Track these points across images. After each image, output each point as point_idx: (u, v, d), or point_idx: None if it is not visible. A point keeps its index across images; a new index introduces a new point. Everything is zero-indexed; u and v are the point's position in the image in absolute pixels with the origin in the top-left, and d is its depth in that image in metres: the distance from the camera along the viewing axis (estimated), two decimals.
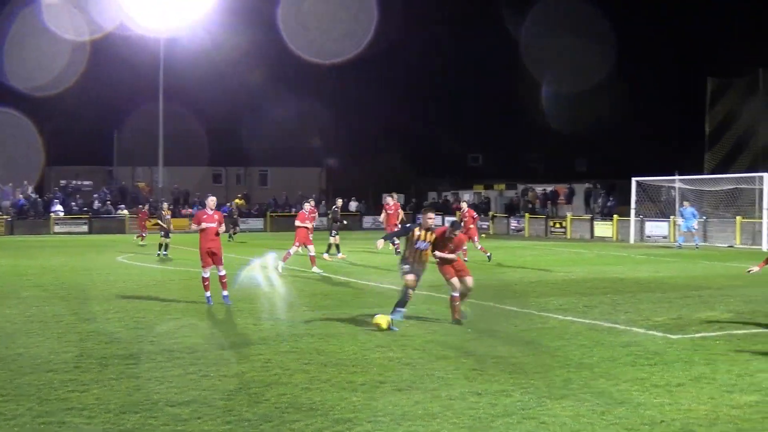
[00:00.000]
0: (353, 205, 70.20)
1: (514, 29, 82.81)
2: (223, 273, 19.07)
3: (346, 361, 12.46)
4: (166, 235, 36.23)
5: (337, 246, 33.42)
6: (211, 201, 19.98)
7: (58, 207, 63.44)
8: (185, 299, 20.11)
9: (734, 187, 44.04)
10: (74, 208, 64.10)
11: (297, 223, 28.72)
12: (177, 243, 38.89)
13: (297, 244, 28.27)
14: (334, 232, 33.95)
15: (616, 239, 49.20)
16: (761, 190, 41.16)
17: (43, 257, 35.32)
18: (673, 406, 9.92)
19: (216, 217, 19.30)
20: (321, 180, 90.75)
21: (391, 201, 37.38)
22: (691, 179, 47.71)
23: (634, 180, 48.67)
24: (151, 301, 19.78)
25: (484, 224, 61.30)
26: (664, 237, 46.58)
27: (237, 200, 66.19)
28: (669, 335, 14.85)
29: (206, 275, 19.02)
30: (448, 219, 38.16)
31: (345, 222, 38.78)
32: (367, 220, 65.71)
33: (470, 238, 31.09)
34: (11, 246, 44.69)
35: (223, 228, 19.59)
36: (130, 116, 77.65)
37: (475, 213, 35.09)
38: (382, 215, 37.50)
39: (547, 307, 18.53)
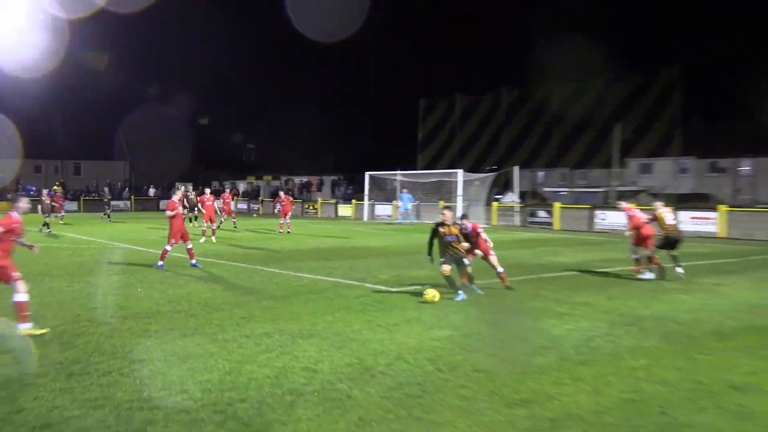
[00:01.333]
0: (151, 191, 67.81)
1: None
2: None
3: (143, 314, 12.02)
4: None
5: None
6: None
7: None
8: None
9: (438, 180, 46.07)
10: None
11: (168, 213, 18.75)
12: None
13: (173, 240, 18.62)
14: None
15: (354, 218, 50.10)
16: (456, 182, 43.19)
17: None
18: (391, 340, 10.24)
19: None
20: (125, 170, 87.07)
21: (283, 194, 36.77)
22: (409, 173, 49.52)
23: (367, 174, 49.88)
24: None
25: (255, 206, 60.82)
26: (389, 216, 47.86)
27: (55, 186, 62.32)
28: (390, 288, 15.29)
29: None
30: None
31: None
32: (162, 204, 63.72)
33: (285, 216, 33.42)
34: None
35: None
36: None
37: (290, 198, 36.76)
38: (278, 207, 37.01)
39: (301, 269, 18.61)
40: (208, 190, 29.82)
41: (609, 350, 9.86)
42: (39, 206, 34.81)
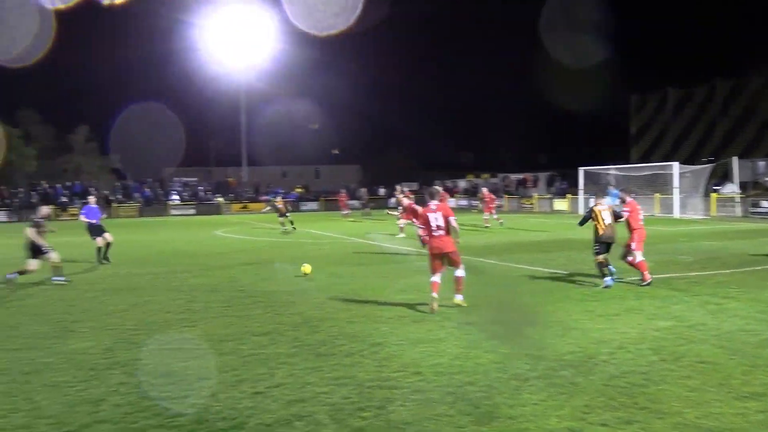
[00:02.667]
0: (381, 191, 70.09)
1: None
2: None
3: (377, 302, 12.44)
4: (282, 215, 33.73)
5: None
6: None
7: (175, 196, 63.94)
8: (264, 260, 20.17)
9: (653, 173, 43.62)
10: (184, 196, 64.67)
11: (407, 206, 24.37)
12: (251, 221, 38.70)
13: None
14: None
15: (569, 211, 48.77)
16: (671, 175, 40.72)
17: (164, 232, 35.52)
18: (612, 330, 9.82)
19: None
20: (358, 173, 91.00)
21: (485, 191, 36.07)
22: (622, 167, 47.33)
23: (581, 169, 48.36)
24: (239, 261, 19.85)
25: (474, 202, 61.00)
26: None
27: (298, 189, 66.55)
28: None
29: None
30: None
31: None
32: (391, 202, 65.60)
33: (489, 211, 33.41)
34: (141, 225, 44.97)
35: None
36: (220, 130, 78.21)
37: (492, 195, 35.75)
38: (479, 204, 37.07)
39: (520, 260, 18.40)
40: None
41: None
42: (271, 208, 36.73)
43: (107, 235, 20.41)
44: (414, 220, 22.69)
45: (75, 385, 7.71)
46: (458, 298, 11.74)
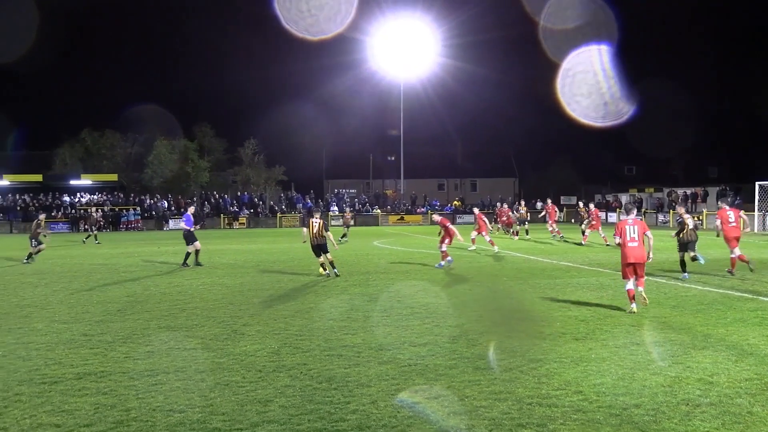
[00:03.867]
0: (539, 205, 68.83)
1: None
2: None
3: (536, 317, 12.22)
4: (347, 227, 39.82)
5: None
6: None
7: (334, 207, 66.00)
8: (422, 269, 20.38)
9: None
10: (343, 207, 66.55)
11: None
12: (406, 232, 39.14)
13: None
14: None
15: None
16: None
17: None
18: None
19: None
20: (515, 186, 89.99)
21: (549, 201, 37.05)
22: None
23: (757, 184, 45.23)
24: (398, 271, 20.17)
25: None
26: None
27: (456, 202, 66.72)
28: None
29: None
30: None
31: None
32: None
33: (594, 229, 31.90)
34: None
35: None
36: (380, 144, 79.89)
37: (599, 211, 34.81)
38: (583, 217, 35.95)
39: (689, 279, 17.45)
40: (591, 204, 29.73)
41: None
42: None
43: (197, 243, 22.94)
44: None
45: (245, 385, 8.13)
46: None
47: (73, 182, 64.81)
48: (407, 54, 67.12)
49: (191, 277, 19.54)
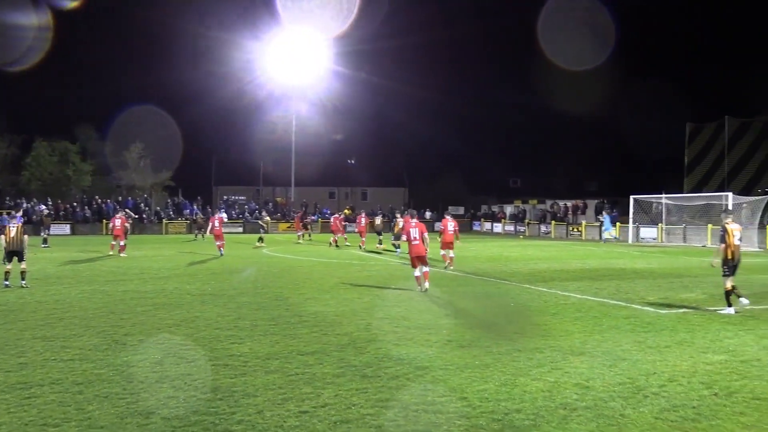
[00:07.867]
0: (428, 214, 69.98)
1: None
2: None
3: (424, 326, 12.40)
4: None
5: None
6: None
7: (223, 214, 64.80)
8: (312, 280, 20.30)
9: (706, 202, 42.86)
10: (233, 214, 65.42)
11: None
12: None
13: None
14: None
15: (618, 240, 48.06)
16: (726, 205, 39.91)
17: (212, 249, 35.89)
18: (662, 362, 9.64)
19: None
20: (404, 196, 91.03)
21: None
22: (674, 197, 46.58)
23: (632, 197, 47.72)
24: (286, 282, 20.02)
25: (521, 228, 60.47)
26: (654, 239, 45.34)
27: (346, 210, 66.86)
28: (659, 310, 14.43)
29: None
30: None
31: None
32: (437, 225, 65.42)
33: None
34: (189, 241, 45.64)
35: None
36: (271, 152, 79.10)
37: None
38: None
39: (568, 288, 18.19)
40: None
41: None
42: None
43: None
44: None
45: (125, 397, 7.85)
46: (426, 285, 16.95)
47: None
48: (299, 62, 66.83)
49: (69, 285, 18.70)
